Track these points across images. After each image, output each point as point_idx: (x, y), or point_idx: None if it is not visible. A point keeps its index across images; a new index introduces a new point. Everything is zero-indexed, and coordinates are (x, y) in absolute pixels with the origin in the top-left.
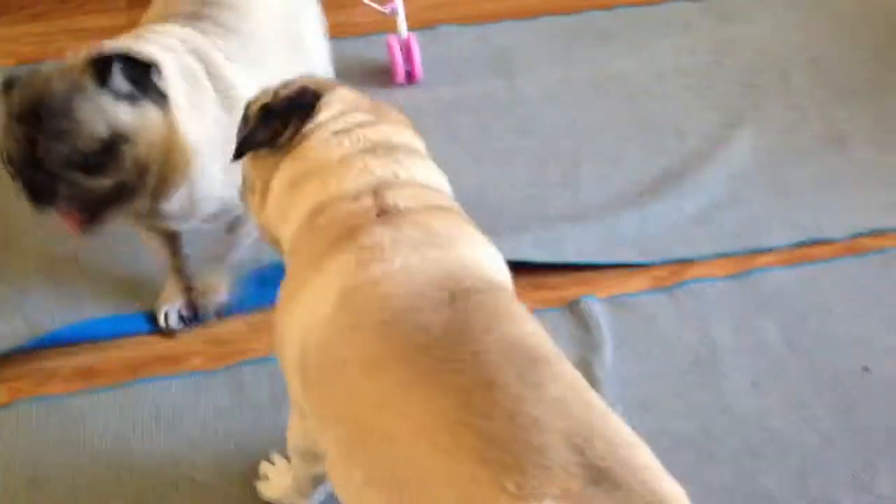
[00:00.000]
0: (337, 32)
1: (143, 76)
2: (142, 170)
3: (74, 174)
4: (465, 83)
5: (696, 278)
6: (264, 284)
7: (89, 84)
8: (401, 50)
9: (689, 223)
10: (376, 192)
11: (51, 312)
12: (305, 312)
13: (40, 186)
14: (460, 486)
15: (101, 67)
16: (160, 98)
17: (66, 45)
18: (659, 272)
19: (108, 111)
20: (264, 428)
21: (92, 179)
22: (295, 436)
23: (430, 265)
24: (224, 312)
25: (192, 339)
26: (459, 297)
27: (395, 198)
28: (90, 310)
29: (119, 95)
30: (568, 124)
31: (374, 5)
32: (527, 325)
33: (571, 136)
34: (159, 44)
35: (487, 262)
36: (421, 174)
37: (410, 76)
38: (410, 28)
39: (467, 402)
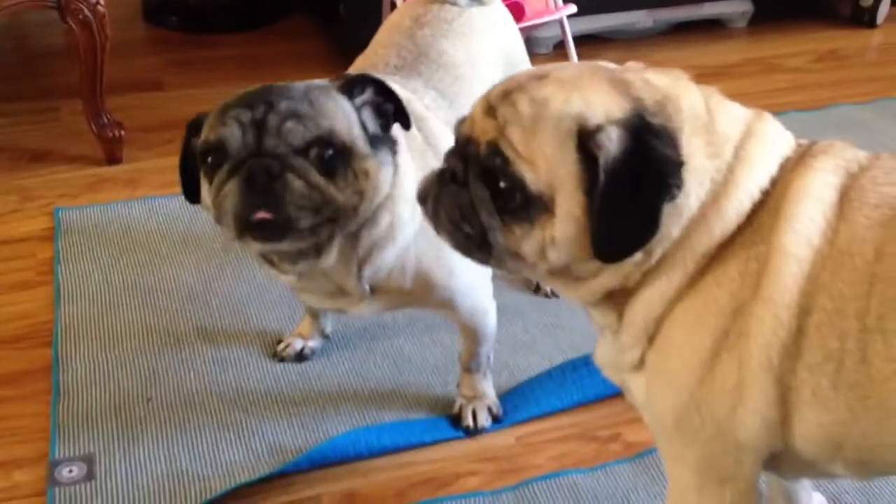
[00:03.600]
0: None
1: (391, 111)
2: (357, 203)
3: (303, 162)
4: None
5: None
6: (527, 396)
7: (335, 89)
8: None
9: None
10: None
11: (292, 434)
12: (782, 287)
13: (264, 175)
14: None
15: (350, 88)
16: (393, 143)
17: None
18: None
19: (352, 119)
20: None
21: (319, 178)
22: None
23: None
24: (496, 423)
25: (457, 459)
26: None
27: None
28: (330, 429)
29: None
30: None
31: None
32: None
33: None
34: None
35: None
36: None
37: None
38: None
39: None
